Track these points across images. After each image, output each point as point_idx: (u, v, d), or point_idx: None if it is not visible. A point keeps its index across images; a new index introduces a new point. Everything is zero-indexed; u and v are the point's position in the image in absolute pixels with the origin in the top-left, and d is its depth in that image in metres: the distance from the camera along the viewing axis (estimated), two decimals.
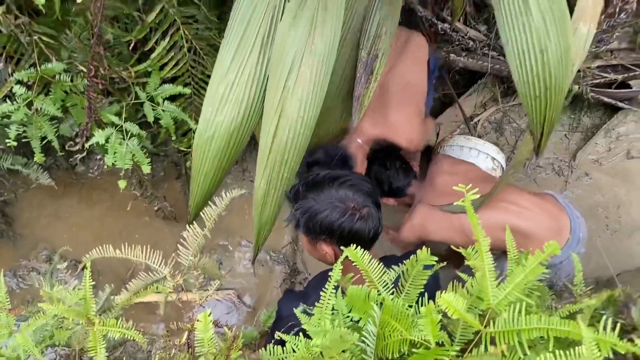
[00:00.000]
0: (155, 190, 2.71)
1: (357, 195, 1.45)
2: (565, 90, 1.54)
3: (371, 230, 1.45)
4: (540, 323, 0.94)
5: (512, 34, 1.52)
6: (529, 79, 1.53)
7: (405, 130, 2.13)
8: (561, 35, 1.48)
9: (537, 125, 1.59)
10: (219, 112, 1.66)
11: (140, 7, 2.14)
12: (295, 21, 1.62)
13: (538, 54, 1.50)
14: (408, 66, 2.14)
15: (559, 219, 2.11)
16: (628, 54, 3.09)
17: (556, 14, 1.47)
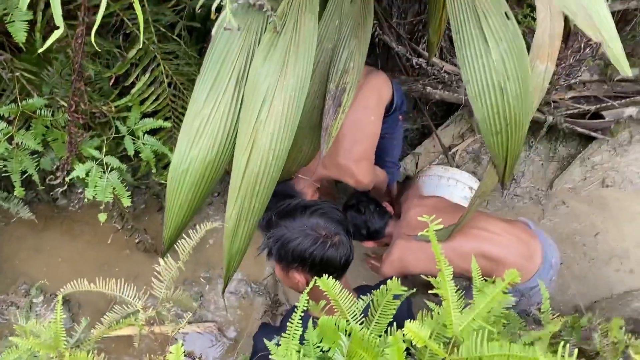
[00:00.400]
0: (136, 223, 2.72)
1: (328, 223, 1.48)
2: (526, 125, 1.59)
3: (342, 258, 1.46)
4: (501, 350, 0.96)
5: (473, 73, 1.56)
6: (490, 115, 1.57)
7: (353, 173, 2.21)
8: (520, 74, 1.53)
9: (500, 159, 1.64)
10: (194, 145, 1.69)
11: (120, 43, 2.19)
12: (269, 57, 1.66)
13: (498, 92, 1.54)
14: (360, 109, 2.17)
15: (530, 245, 2.14)
16: (600, 86, 3.20)
17: (515, 54, 1.52)
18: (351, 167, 2.20)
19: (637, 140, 3.33)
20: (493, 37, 1.54)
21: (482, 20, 1.54)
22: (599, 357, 1.10)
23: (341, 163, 2.19)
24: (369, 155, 2.28)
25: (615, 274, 2.97)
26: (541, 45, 1.56)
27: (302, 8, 1.74)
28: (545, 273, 2.10)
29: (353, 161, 2.20)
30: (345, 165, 2.20)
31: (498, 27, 1.53)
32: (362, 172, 2.22)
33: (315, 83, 1.91)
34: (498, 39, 1.54)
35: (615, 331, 1.12)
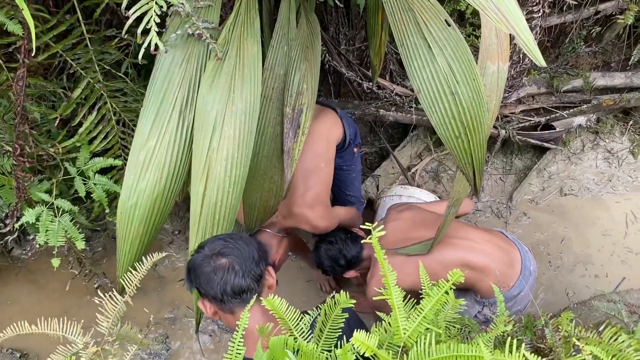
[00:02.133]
0: (94, 267, 2.64)
1: (219, 248, 1.40)
2: (486, 127, 1.60)
3: (224, 284, 1.33)
4: (449, 351, 0.94)
5: (423, 82, 1.59)
6: (445, 121, 1.59)
7: (308, 219, 2.19)
8: (469, 76, 1.57)
9: (466, 166, 1.65)
10: (141, 178, 1.66)
11: (65, 84, 2.17)
12: (214, 85, 1.66)
13: (450, 97, 1.57)
14: (310, 157, 2.17)
15: (510, 253, 2.16)
16: (548, 98, 3.30)
17: (461, 58, 1.56)
18: (305, 214, 2.18)
19: (589, 148, 3.42)
20: (436, 44, 1.57)
21: (423, 30, 1.57)
22: (552, 354, 1.09)
23: (296, 211, 2.18)
24: (323, 199, 2.27)
25: (581, 280, 3.00)
26: (489, 45, 1.60)
27: (244, 34, 1.76)
28: (526, 279, 2.11)
29: (307, 207, 2.18)
30: (300, 213, 2.18)
31: (440, 34, 1.57)
32: (317, 216, 2.20)
33: (274, 110, 1.91)
34: (442, 45, 1.57)
35: (565, 325, 1.12)
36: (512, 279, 2.12)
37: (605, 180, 3.33)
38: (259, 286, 1.38)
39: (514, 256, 2.16)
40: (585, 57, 3.30)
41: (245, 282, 1.34)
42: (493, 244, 2.15)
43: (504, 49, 1.69)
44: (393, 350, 1.05)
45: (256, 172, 1.94)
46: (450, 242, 2.08)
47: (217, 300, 1.35)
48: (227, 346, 2.61)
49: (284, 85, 1.97)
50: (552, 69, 3.26)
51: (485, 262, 2.07)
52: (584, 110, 3.22)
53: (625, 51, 3.28)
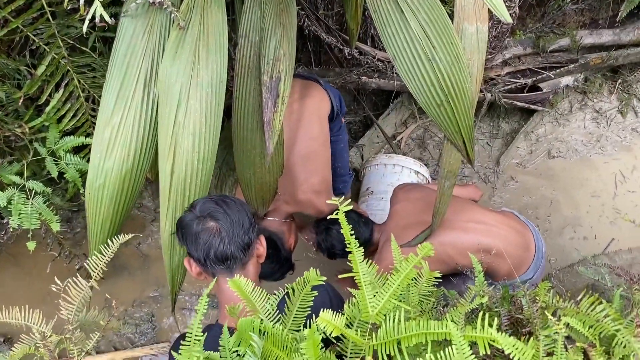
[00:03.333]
0: (74, 249, 2.59)
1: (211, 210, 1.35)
2: (470, 92, 1.54)
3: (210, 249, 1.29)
4: (418, 328, 0.90)
5: (398, 49, 1.52)
6: (424, 89, 1.52)
7: (314, 205, 2.22)
8: (446, 40, 1.50)
9: (454, 134, 1.58)
10: (108, 157, 1.60)
11: (28, 61, 2.08)
12: (177, 56, 1.58)
13: (427, 63, 1.50)
14: (306, 141, 2.17)
15: (525, 235, 2.11)
16: (534, 58, 3.21)
17: (436, 22, 1.49)
18: (312, 200, 2.20)
19: (577, 109, 3.36)
20: (409, 8, 1.50)
21: None
22: (530, 324, 1.05)
23: (302, 198, 2.19)
24: (328, 184, 2.28)
25: (570, 242, 2.97)
26: (465, 5, 1.52)
27: (208, 1, 1.67)
28: (540, 260, 2.07)
29: (313, 193, 2.20)
30: (306, 200, 2.20)
31: None
32: (323, 203, 2.20)
33: (252, 79, 1.83)
34: (415, 9, 1.50)
35: (542, 295, 1.08)
36: (527, 262, 2.07)
37: (593, 141, 3.28)
38: (246, 255, 1.33)
39: (529, 238, 2.11)
40: (572, 15, 3.21)
41: (230, 250, 1.29)
42: (509, 227, 2.09)
43: (481, 7, 1.61)
44: (363, 329, 1.00)
45: (244, 146, 1.87)
46: (465, 227, 2.02)
47: (201, 263, 1.32)
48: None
49: (259, 53, 1.89)
50: (537, 28, 3.17)
51: (501, 246, 1.98)
52: (571, 70, 3.14)
53: (612, 7, 3.19)
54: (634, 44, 3.20)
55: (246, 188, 1.94)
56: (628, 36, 3.18)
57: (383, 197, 2.69)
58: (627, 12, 3.00)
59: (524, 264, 2.06)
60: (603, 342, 0.96)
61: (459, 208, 2.07)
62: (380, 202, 2.69)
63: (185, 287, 2.74)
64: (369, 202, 2.71)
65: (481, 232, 2.01)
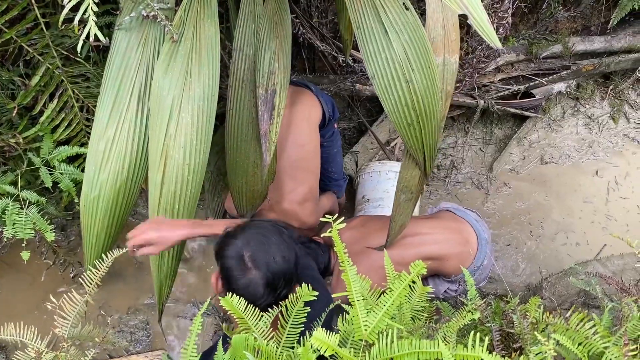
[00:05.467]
0: (69, 257, 2.59)
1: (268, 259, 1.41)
2: (438, 115, 1.55)
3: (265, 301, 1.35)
4: (411, 347, 0.91)
5: (378, 68, 1.50)
6: (398, 108, 1.52)
7: (297, 216, 2.19)
8: (424, 64, 1.50)
9: (417, 151, 1.60)
10: (102, 170, 1.61)
11: (22, 71, 2.08)
12: (170, 69, 1.59)
13: (404, 84, 1.49)
14: (295, 148, 2.16)
15: (462, 231, 2.15)
16: (527, 65, 3.24)
17: (417, 45, 1.48)
18: (296, 211, 2.18)
19: (569, 115, 3.38)
20: (393, 29, 1.50)
21: (381, 13, 1.50)
22: (521, 340, 1.06)
23: (286, 208, 2.17)
24: (314, 194, 2.27)
25: (563, 248, 3.00)
26: (435, 37, 1.53)
27: (201, 15, 1.68)
28: (483, 250, 2.10)
29: (297, 204, 2.18)
30: (291, 210, 2.18)
31: (397, 18, 1.49)
32: (307, 214, 2.21)
33: (247, 92, 1.84)
34: (399, 30, 1.50)
35: (532, 311, 1.09)
36: (471, 255, 2.11)
37: (586, 147, 3.30)
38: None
39: (467, 232, 2.15)
40: (564, 22, 3.23)
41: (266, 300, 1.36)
42: (444, 229, 2.14)
43: (452, 40, 1.61)
44: (356, 346, 1.01)
45: (237, 156, 1.88)
46: (402, 243, 2.05)
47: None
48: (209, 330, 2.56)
49: (254, 66, 1.89)
50: (530, 35, 3.19)
51: (442, 250, 2.07)
52: (563, 76, 3.17)
53: (604, 14, 3.21)
54: (625, 50, 3.23)
55: (237, 195, 1.96)
56: (619, 43, 3.21)
57: (380, 204, 2.70)
58: (618, 20, 3.03)
59: (468, 258, 2.10)
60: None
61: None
62: (377, 209, 2.70)
63: (179, 296, 2.74)
64: (366, 210, 2.72)
65: (419, 244, 2.05)
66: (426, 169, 1.67)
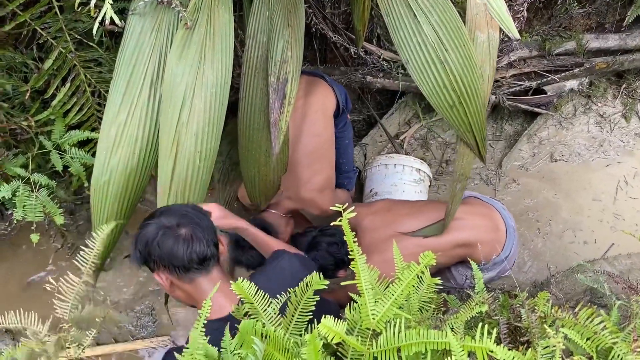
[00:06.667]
0: (77, 241, 2.61)
1: (176, 219, 1.36)
2: (482, 94, 1.55)
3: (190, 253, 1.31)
4: (418, 337, 0.91)
5: (410, 52, 1.54)
6: (437, 91, 1.55)
7: (317, 204, 2.24)
8: (459, 43, 1.51)
9: (467, 134, 1.60)
10: (113, 154, 1.61)
11: (36, 55, 2.09)
12: (183, 56, 1.59)
13: (439, 65, 1.52)
14: (311, 138, 2.18)
15: (492, 217, 2.14)
16: (540, 61, 3.21)
17: (449, 25, 1.50)
18: (315, 200, 2.22)
19: (581, 112, 3.36)
20: (422, 11, 1.52)
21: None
22: (528, 334, 1.06)
23: (305, 197, 2.21)
24: (331, 182, 2.30)
25: (570, 246, 2.98)
26: (476, 14, 1.54)
27: (215, 1, 1.68)
28: (511, 238, 2.10)
29: (316, 192, 2.22)
30: (310, 198, 2.22)
31: (425, 0, 1.51)
32: (326, 201, 2.23)
33: (260, 80, 1.84)
34: (427, 12, 1.52)
35: (541, 306, 1.09)
36: (501, 242, 2.11)
37: (596, 145, 3.28)
38: (217, 252, 1.39)
39: (496, 219, 2.14)
40: (579, 19, 3.20)
41: (210, 250, 1.34)
42: (477, 214, 2.12)
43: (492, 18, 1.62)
44: (363, 335, 1.02)
45: (249, 145, 1.89)
46: None
47: (181, 270, 1.32)
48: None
49: (267, 54, 1.89)
50: (544, 31, 3.17)
51: (473, 236, 2.05)
52: (576, 73, 3.15)
53: (619, 11, 3.18)
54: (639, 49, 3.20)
55: (250, 185, 1.96)
56: (634, 41, 3.18)
57: (387, 197, 2.70)
58: (633, 17, 3.00)
59: (498, 245, 2.10)
60: (600, 355, 0.97)
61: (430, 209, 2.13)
62: None
63: None
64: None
65: (453, 230, 2.03)
66: (481, 151, 1.65)
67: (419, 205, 2.32)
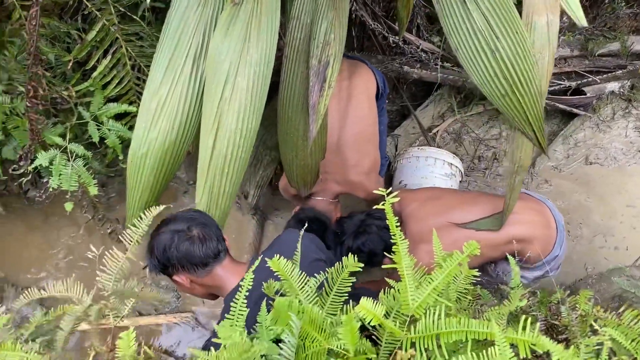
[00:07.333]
0: (107, 213, 2.64)
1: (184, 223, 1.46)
2: (539, 83, 1.51)
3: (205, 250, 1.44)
4: (459, 326, 0.90)
5: (459, 39, 1.52)
6: (487, 79, 1.52)
7: (364, 187, 2.24)
8: (511, 30, 1.48)
9: (523, 123, 1.56)
10: (152, 127, 1.62)
11: (80, 25, 2.11)
12: (229, 33, 1.59)
13: (489, 53, 1.50)
14: (357, 121, 2.17)
15: (544, 213, 2.09)
16: (581, 61, 3.14)
17: (500, 12, 1.47)
18: (363, 181, 2.23)
19: (620, 116, 3.28)
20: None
21: None
22: (567, 331, 1.04)
23: (354, 180, 2.22)
24: (377, 164, 2.32)
25: (600, 251, 2.92)
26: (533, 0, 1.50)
27: None
28: (561, 235, 2.05)
29: (364, 175, 2.23)
30: (358, 182, 2.23)
31: None
32: (373, 184, 2.25)
33: (301, 62, 1.83)
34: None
35: (582, 304, 1.07)
36: (552, 239, 2.06)
37: (634, 151, 3.20)
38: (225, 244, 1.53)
39: (548, 215, 2.09)
40: (625, 19, 3.12)
41: (221, 244, 1.48)
42: (531, 209, 2.07)
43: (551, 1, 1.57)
44: (400, 320, 1.01)
45: (288, 128, 1.89)
46: None
47: (199, 267, 1.45)
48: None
49: (310, 36, 1.88)
50: (587, 31, 3.10)
51: (529, 232, 2.00)
52: (618, 76, 3.06)
53: None
54: None
55: (288, 168, 1.97)
56: None
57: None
58: None
59: (550, 242, 2.05)
60: None
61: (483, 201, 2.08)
62: None
63: None
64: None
65: (509, 223, 1.97)
66: (540, 141, 1.62)
67: (471, 196, 2.27)
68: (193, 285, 1.51)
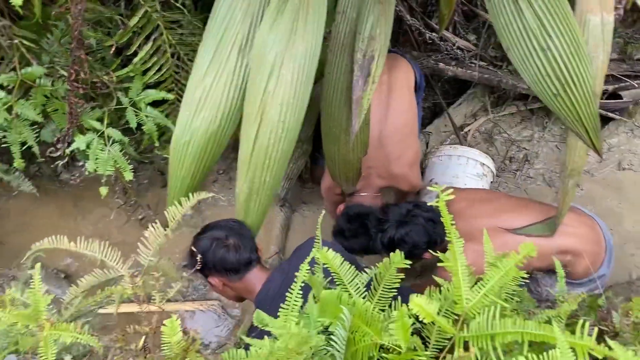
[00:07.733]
0: (139, 199, 2.67)
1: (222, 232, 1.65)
2: (592, 82, 1.49)
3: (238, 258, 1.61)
4: (515, 327, 0.90)
5: (511, 38, 1.51)
6: (539, 79, 1.50)
7: (408, 179, 2.27)
8: (565, 29, 1.46)
9: (575, 124, 1.54)
10: (196, 116, 1.63)
11: (122, 11, 2.12)
12: (275, 25, 1.59)
13: (540, 53, 1.48)
14: (399, 114, 2.18)
15: (595, 229, 2.05)
16: (619, 65, 3.08)
17: (553, 11, 1.45)
18: (407, 175, 2.25)
19: None
20: None
21: None
22: (618, 338, 1.03)
23: (397, 172, 2.22)
24: (419, 157, 2.33)
25: (630, 259, 2.88)
26: None
27: None
28: (611, 255, 2.02)
29: (408, 167, 2.24)
30: (402, 174, 2.24)
31: None
32: (416, 176, 2.28)
33: (346, 57, 1.82)
34: None
35: (636, 311, 1.05)
36: (601, 257, 2.02)
37: None
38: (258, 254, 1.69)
39: (598, 232, 2.05)
40: None
41: (253, 255, 1.65)
42: (581, 223, 2.03)
43: None
44: (451, 319, 1.00)
45: (331, 122, 1.89)
46: None
47: (232, 273, 1.62)
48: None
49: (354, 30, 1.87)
50: (627, 34, 3.04)
51: (579, 245, 1.95)
52: None
53: None
54: None
55: (331, 163, 1.98)
56: None
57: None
58: None
59: (598, 260, 2.01)
60: None
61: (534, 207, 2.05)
62: None
63: None
64: (432, 195, 2.68)
65: (560, 234, 1.93)
66: (594, 143, 1.58)
67: (522, 202, 2.24)
68: (225, 288, 1.68)
